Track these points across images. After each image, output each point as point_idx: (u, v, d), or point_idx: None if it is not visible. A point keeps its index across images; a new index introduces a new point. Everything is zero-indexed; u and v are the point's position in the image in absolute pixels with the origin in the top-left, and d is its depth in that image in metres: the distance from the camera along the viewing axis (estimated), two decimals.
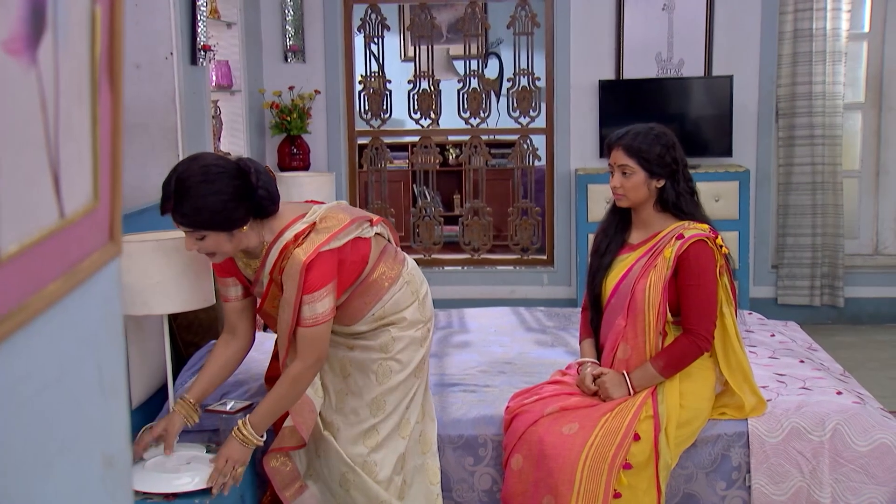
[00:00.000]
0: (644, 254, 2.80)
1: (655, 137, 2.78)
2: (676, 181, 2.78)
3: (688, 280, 2.72)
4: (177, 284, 2.66)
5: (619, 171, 2.77)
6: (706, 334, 2.72)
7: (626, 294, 2.78)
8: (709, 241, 2.73)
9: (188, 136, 4.44)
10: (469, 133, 6.10)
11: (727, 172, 5.47)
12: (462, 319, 4.14)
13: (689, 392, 2.79)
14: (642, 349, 2.77)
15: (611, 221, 2.93)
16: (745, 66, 5.71)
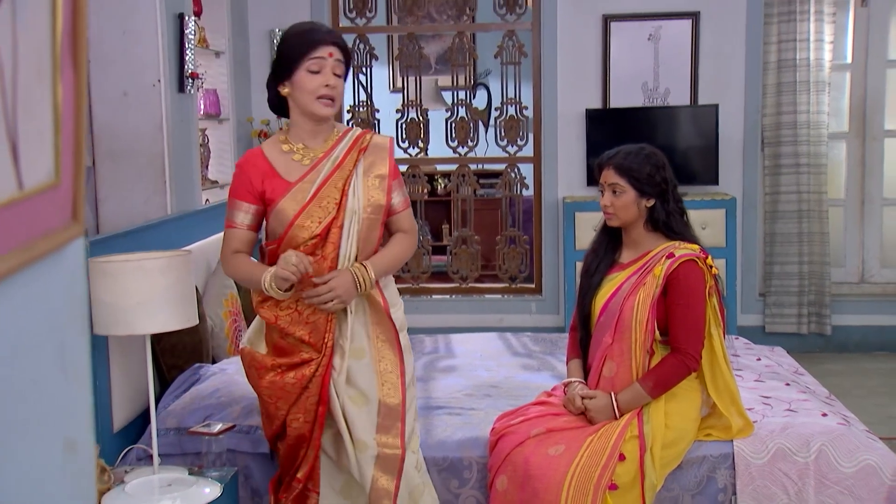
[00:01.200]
0: (634, 272, 2.80)
1: (646, 157, 2.80)
2: (666, 201, 2.80)
3: (677, 299, 2.72)
4: (159, 305, 2.66)
5: (610, 189, 2.79)
6: (694, 353, 2.72)
7: (615, 312, 2.79)
8: (699, 261, 2.74)
9: (175, 163, 4.46)
10: (457, 162, 6.12)
11: (714, 200, 5.49)
12: (448, 345, 4.13)
13: (675, 413, 2.78)
14: (628, 367, 2.76)
15: (601, 242, 2.94)
16: (730, 95, 5.77)
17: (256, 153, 2.61)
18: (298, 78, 2.49)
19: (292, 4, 5.82)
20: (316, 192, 2.52)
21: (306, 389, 2.54)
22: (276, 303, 2.55)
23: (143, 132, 4.35)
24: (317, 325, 2.54)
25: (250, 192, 2.56)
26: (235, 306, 3.74)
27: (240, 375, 3.25)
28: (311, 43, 2.48)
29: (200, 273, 3.66)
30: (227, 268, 2.65)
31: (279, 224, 2.55)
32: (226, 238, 2.62)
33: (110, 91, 4.28)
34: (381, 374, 2.60)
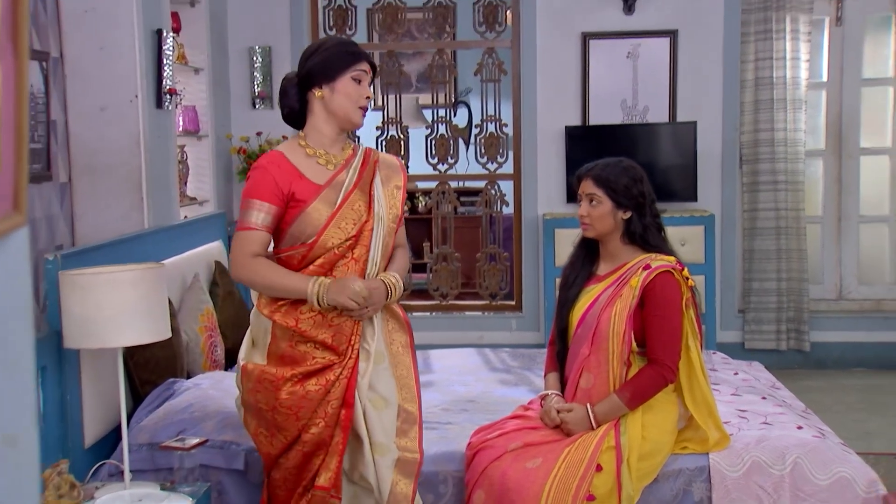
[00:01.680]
0: (611, 284, 2.81)
1: (623, 169, 2.82)
2: (643, 214, 2.81)
3: (653, 310, 2.72)
4: (131, 318, 2.64)
5: (587, 199, 2.81)
6: (671, 365, 2.72)
7: (592, 323, 2.79)
8: (675, 272, 2.74)
9: (152, 178, 4.44)
10: (437, 179, 6.13)
11: (693, 217, 5.51)
12: (426, 360, 4.11)
13: (652, 424, 2.77)
14: (606, 378, 2.76)
15: (578, 255, 2.94)
16: (708, 112, 5.81)
17: (278, 155, 2.59)
18: (342, 84, 2.57)
19: (272, 21, 5.83)
20: (346, 196, 2.57)
21: (328, 394, 2.53)
22: (294, 306, 2.53)
23: (121, 148, 4.33)
24: (342, 328, 2.55)
25: (274, 193, 2.52)
26: (211, 321, 3.72)
27: (214, 390, 3.24)
28: (358, 54, 2.60)
29: (176, 288, 3.64)
30: (243, 272, 2.54)
31: (308, 227, 2.54)
32: (240, 241, 2.53)
33: (87, 106, 4.27)
34: (399, 379, 2.64)
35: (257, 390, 2.55)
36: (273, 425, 2.55)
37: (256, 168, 2.57)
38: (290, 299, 2.53)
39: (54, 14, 4.16)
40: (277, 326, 2.55)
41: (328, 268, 2.56)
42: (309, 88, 2.61)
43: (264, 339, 2.59)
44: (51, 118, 4.08)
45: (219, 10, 5.70)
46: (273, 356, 2.57)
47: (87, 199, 4.32)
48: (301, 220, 2.54)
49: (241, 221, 2.55)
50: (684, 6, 5.78)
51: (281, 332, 2.56)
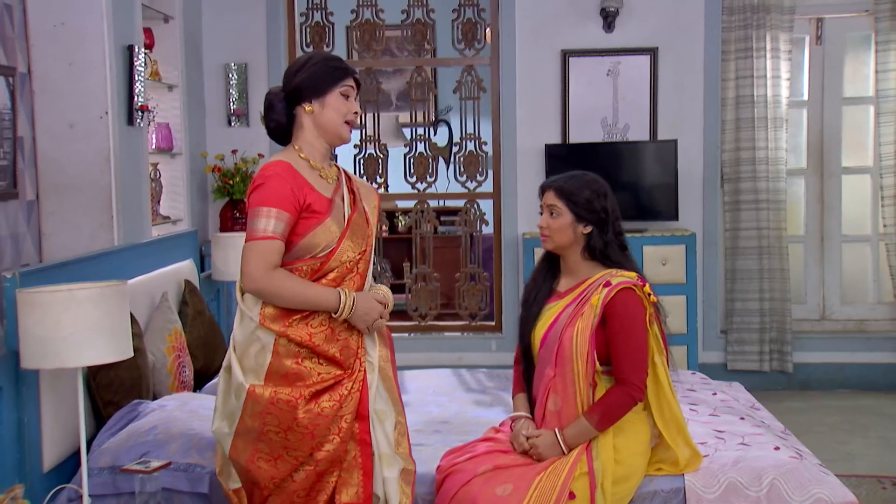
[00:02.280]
0: (571, 301, 2.78)
1: (586, 183, 2.80)
2: (605, 230, 2.78)
3: (617, 329, 2.69)
4: (90, 337, 2.60)
5: (548, 210, 2.79)
6: (638, 383, 2.69)
7: (554, 343, 2.75)
8: (636, 288, 2.71)
9: (123, 196, 4.40)
10: (415, 197, 6.10)
11: (673, 236, 5.50)
12: (401, 381, 4.02)
13: (624, 447, 2.74)
14: (573, 400, 2.72)
15: (540, 270, 2.92)
16: (689, 131, 5.82)
17: (287, 165, 2.55)
18: (332, 99, 2.60)
19: (248, 38, 5.82)
20: (353, 211, 2.62)
21: (341, 409, 2.53)
22: (307, 321, 2.52)
23: (90, 165, 4.28)
24: (348, 342, 2.57)
25: (291, 203, 2.50)
26: (179, 341, 3.67)
27: (180, 412, 3.19)
28: (346, 70, 2.63)
29: (143, 307, 3.60)
30: (266, 284, 2.46)
31: (323, 240, 2.54)
32: (258, 251, 2.45)
33: (56, 123, 4.23)
34: (389, 392, 2.68)
35: (268, 413, 2.48)
36: (281, 447, 2.50)
37: (272, 176, 2.51)
38: (302, 313, 2.52)
39: (22, 28, 4.12)
40: (283, 343, 2.52)
41: (339, 281, 2.58)
42: (297, 103, 2.61)
43: (261, 358, 2.53)
44: (17, 135, 4.04)
45: (193, 26, 5.69)
46: (274, 375, 2.51)
47: (56, 218, 4.27)
48: (316, 233, 2.54)
49: (256, 230, 2.47)
50: (664, 24, 5.80)
51: (285, 349, 2.52)
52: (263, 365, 2.52)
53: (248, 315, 2.55)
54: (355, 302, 2.54)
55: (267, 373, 2.52)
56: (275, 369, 2.52)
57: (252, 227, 2.49)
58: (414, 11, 5.92)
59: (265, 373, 2.52)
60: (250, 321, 2.54)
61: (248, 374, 2.53)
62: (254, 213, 2.50)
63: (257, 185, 2.52)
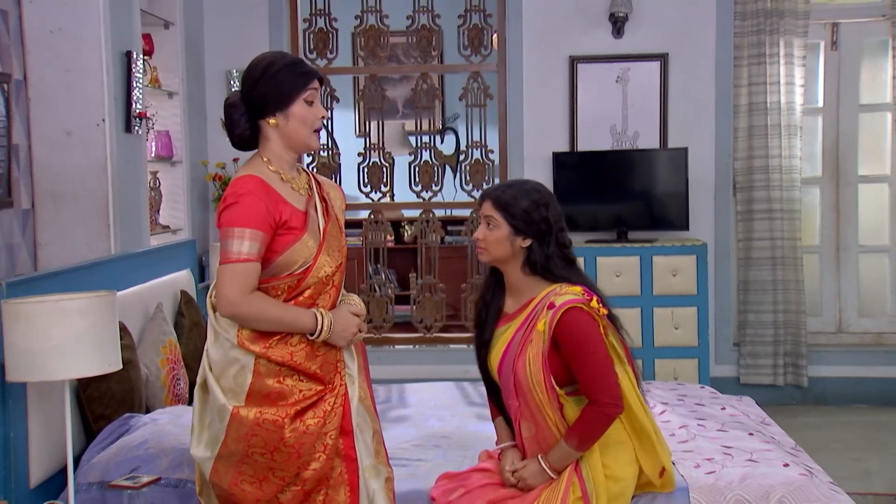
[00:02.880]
0: (519, 326, 2.67)
1: (525, 193, 2.67)
2: (546, 243, 2.65)
3: (573, 352, 2.58)
4: (78, 348, 2.58)
5: (485, 222, 2.68)
6: (611, 400, 2.58)
7: (510, 373, 2.67)
8: (583, 305, 2.58)
9: (121, 206, 4.39)
10: (420, 207, 6.08)
11: (684, 246, 5.46)
12: (402, 395, 4.05)
13: (613, 462, 2.67)
14: (545, 425, 2.65)
15: (488, 286, 2.80)
16: (700, 138, 5.78)
17: (259, 181, 2.49)
18: (296, 110, 2.51)
19: (250, 44, 5.76)
20: (327, 223, 2.57)
21: (325, 425, 2.50)
22: (286, 341, 2.48)
23: (87, 173, 4.28)
24: (327, 357, 2.54)
25: (267, 222, 2.44)
26: (174, 353, 3.65)
27: (172, 426, 3.17)
28: (307, 75, 2.53)
29: (137, 318, 3.58)
30: (245, 309, 2.41)
31: (300, 256, 2.49)
32: (235, 274, 2.39)
33: (52, 130, 4.23)
34: (364, 401, 2.64)
35: (253, 435, 2.44)
36: (266, 468, 2.46)
37: (246, 194, 2.44)
38: (281, 333, 2.48)
39: (17, 34, 4.13)
40: (263, 363, 2.47)
41: (315, 298, 2.54)
42: (260, 117, 2.53)
43: (240, 378, 2.47)
44: (12, 142, 4.04)
45: (194, 32, 5.69)
46: (256, 396, 2.47)
47: (51, 227, 4.27)
48: (294, 250, 2.49)
49: (231, 252, 2.40)
50: (675, 29, 5.77)
51: (267, 369, 2.48)
52: (244, 385, 2.47)
53: (223, 336, 2.49)
54: (332, 322, 2.50)
55: (248, 393, 2.47)
56: (256, 389, 2.47)
57: (227, 248, 2.42)
58: (419, 17, 5.90)
59: (246, 393, 2.47)
60: (227, 341, 2.49)
61: (227, 395, 2.48)
62: (227, 233, 2.42)
63: (230, 204, 2.45)
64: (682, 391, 3.98)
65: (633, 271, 5.42)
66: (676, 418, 3.49)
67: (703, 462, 2.97)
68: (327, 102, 5.99)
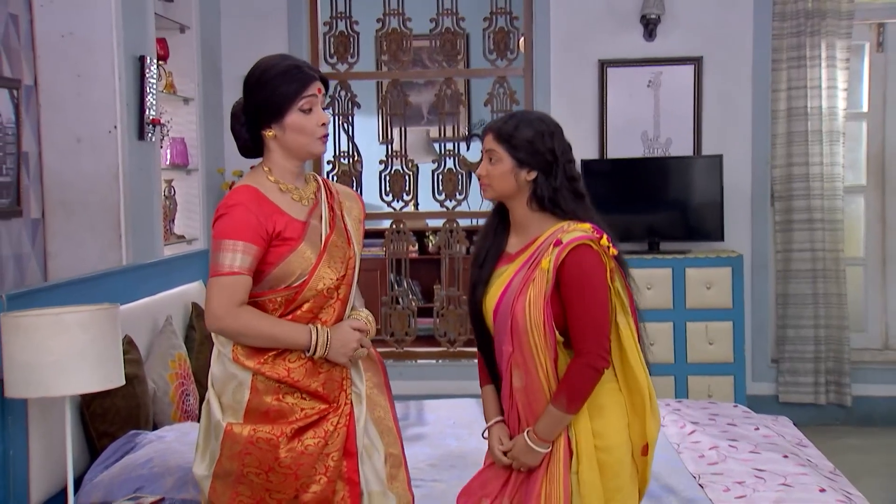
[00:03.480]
0: (522, 265, 2.56)
1: (528, 122, 2.56)
2: (552, 175, 2.54)
3: (573, 293, 2.46)
4: (79, 363, 2.57)
5: (487, 156, 2.58)
6: (599, 351, 2.45)
7: (507, 315, 2.54)
8: (592, 243, 2.47)
9: (133, 215, 4.41)
10: (445, 216, 6.06)
11: (719, 258, 5.40)
12: (420, 411, 4.03)
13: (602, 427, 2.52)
14: (536, 375, 2.51)
15: (491, 225, 2.69)
16: (736, 145, 5.72)
17: (253, 191, 2.46)
18: (293, 120, 2.47)
19: (269, 49, 5.68)
20: (330, 233, 2.53)
21: (327, 446, 2.47)
22: (282, 356, 2.45)
23: (98, 182, 4.30)
24: (332, 374, 2.50)
25: (258, 234, 2.40)
26: (183, 368, 3.64)
27: (179, 443, 3.16)
28: (302, 82, 2.48)
29: (145, 331, 3.58)
30: (231, 323, 2.39)
31: (297, 268, 2.46)
32: (223, 287, 2.37)
33: (62, 137, 4.26)
34: (378, 422, 2.59)
35: (247, 453, 2.42)
36: (263, 489, 2.44)
37: (236, 205, 2.43)
38: (276, 350, 2.45)
39: (28, 39, 4.16)
40: (261, 379, 2.45)
41: (316, 312, 2.50)
42: (259, 127, 2.52)
43: (238, 395, 2.46)
44: (22, 150, 4.07)
45: (211, 36, 5.71)
46: (254, 413, 2.45)
47: (61, 237, 4.29)
48: (290, 261, 2.45)
49: (220, 265, 2.39)
50: (710, 31, 5.72)
51: (265, 386, 2.45)
52: (242, 402, 2.45)
53: (222, 351, 2.48)
54: (329, 338, 2.46)
55: (246, 410, 2.45)
56: (254, 407, 2.45)
57: (216, 261, 2.40)
58: (443, 20, 5.89)
59: (244, 411, 2.45)
60: (225, 357, 2.48)
61: (226, 412, 2.46)
62: (218, 245, 2.41)
63: (220, 216, 2.43)
64: (714, 410, 3.92)
65: (665, 284, 5.37)
66: (707, 439, 3.43)
67: (734, 485, 2.91)
68: (347, 108, 5.99)
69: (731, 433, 3.52)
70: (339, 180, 6.00)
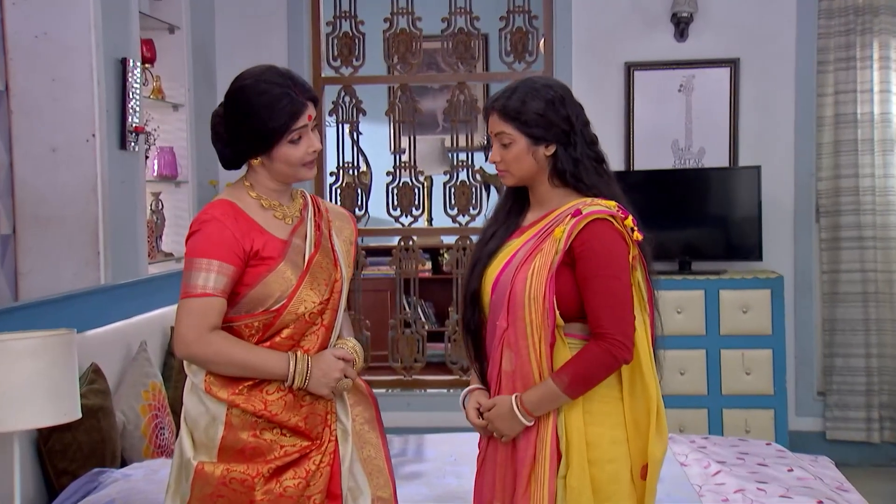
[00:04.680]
0: (533, 236, 2.48)
1: (534, 93, 2.47)
2: (572, 145, 2.46)
3: (592, 270, 2.36)
4: (29, 395, 2.52)
5: (497, 140, 2.50)
6: (623, 339, 2.35)
7: (506, 286, 2.45)
8: (615, 220, 2.38)
9: (114, 231, 4.38)
10: (457, 233, 5.99)
11: (756, 279, 5.31)
12: (420, 447, 3.97)
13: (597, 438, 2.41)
14: (526, 358, 2.41)
15: (505, 203, 2.62)
16: (777, 156, 5.63)
17: (231, 206, 2.44)
18: (281, 153, 2.44)
19: (268, 51, 5.79)
20: (314, 253, 2.50)
21: (308, 488, 2.42)
22: (259, 387, 2.41)
23: (75, 195, 4.29)
24: (314, 408, 2.46)
25: (235, 252, 2.37)
26: (158, 398, 3.59)
27: (146, 482, 3.11)
28: (292, 114, 2.43)
29: (116, 358, 3.54)
30: (202, 349, 2.35)
31: (276, 290, 2.42)
32: (193, 311, 2.33)
33: (36, 146, 4.25)
34: (367, 462, 2.56)
35: (219, 496, 2.38)
36: None
37: (210, 221, 2.40)
38: (252, 381, 2.41)
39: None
40: (236, 413, 2.41)
41: (297, 339, 2.45)
42: (243, 154, 2.48)
43: (212, 431, 2.42)
44: None
45: (204, 37, 5.69)
46: (229, 451, 2.40)
47: (35, 255, 4.28)
48: (268, 282, 2.41)
49: (192, 286, 2.34)
50: (747, 30, 5.65)
51: (241, 420, 2.41)
52: (215, 439, 2.40)
53: (194, 380, 2.44)
54: (309, 366, 2.40)
55: (220, 448, 2.40)
56: (229, 444, 2.40)
57: (187, 281, 2.35)
58: (456, 20, 5.84)
59: (218, 448, 2.40)
60: (198, 388, 2.43)
61: (199, 450, 2.42)
62: (189, 264, 2.36)
63: (193, 232, 2.40)
64: (744, 448, 3.81)
65: (697, 307, 5.29)
66: (733, 480, 3.33)
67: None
68: (352, 115, 5.95)
69: (760, 475, 3.40)
70: (343, 193, 5.95)
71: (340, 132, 5.98)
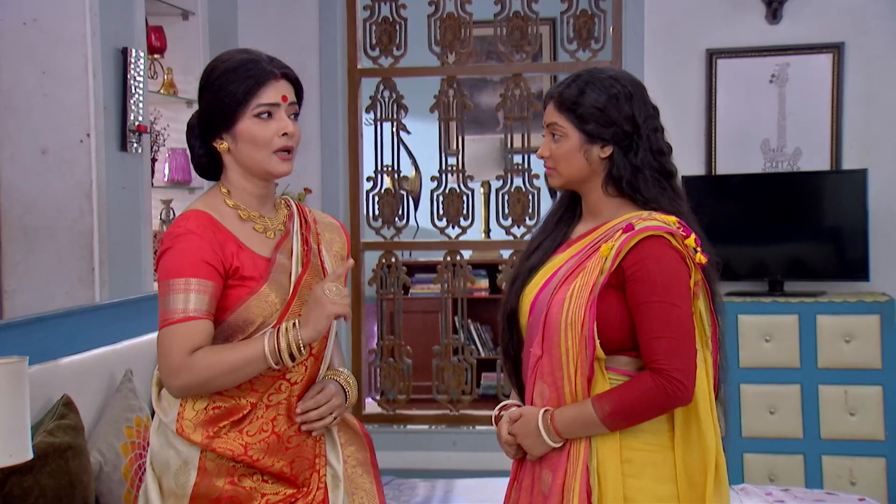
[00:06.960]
0: (579, 251, 2.43)
1: (598, 83, 2.43)
2: (633, 149, 2.41)
3: (644, 295, 2.30)
4: None
5: (549, 132, 2.47)
6: (681, 376, 2.27)
7: (542, 309, 2.40)
8: (674, 238, 2.31)
9: (112, 243, 4.39)
10: (512, 246, 5.94)
11: (862, 303, 5.17)
12: (447, 493, 3.99)
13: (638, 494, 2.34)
14: (561, 392, 2.36)
15: (556, 213, 2.60)
16: (887, 157, 5.51)
17: (206, 217, 2.44)
18: (243, 128, 2.44)
19: (296, 39, 5.80)
20: (302, 273, 2.51)
21: None
22: (240, 427, 2.41)
23: (67, 202, 4.31)
24: (301, 450, 2.49)
25: (214, 268, 2.38)
26: (143, 436, 3.51)
27: None
28: (256, 79, 2.44)
29: (97, 389, 3.48)
30: (188, 375, 2.35)
31: (258, 315, 2.42)
32: (178, 337, 2.34)
33: (24, 148, 4.29)
34: None
35: None
36: None
37: (182, 235, 2.39)
38: (233, 418, 2.41)
39: None
40: (211, 457, 2.40)
41: (282, 370, 2.44)
42: (211, 139, 2.49)
43: (182, 477, 2.42)
44: None
45: (223, 24, 5.66)
46: (201, 501, 2.40)
47: (22, 270, 4.31)
48: (249, 306, 2.41)
49: (170, 311, 2.34)
50: (853, 10, 5.52)
51: (216, 465, 2.41)
52: (187, 487, 2.40)
53: (163, 420, 2.43)
54: (296, 323, 2.36)
55: (192, 497, 2.40)
56: (202, 492, 2.39)
57: (164, 307, 2.34)
58: (511, 3, 5.79)
59: (189, 498, 2.40)
60: (167, 428, 2.42)
61: (167, 499, 2.42)
62: (165, 288, 2.35)
63: (164, 251, 2.39)
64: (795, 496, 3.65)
65: (790, 335, 5.17)
66: None
67: None
68: (392, 112, 5.88)
69: None
70: (382, 200, 5.88)
71: (379, 130, 5.91)
